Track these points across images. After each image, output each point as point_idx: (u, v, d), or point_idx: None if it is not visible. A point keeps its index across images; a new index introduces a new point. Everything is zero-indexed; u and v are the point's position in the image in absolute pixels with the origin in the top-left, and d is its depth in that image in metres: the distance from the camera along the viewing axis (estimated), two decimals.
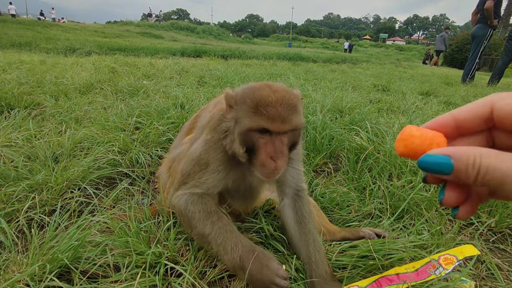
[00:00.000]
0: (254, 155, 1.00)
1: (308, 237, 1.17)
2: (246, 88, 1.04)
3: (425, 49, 46.73)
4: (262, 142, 0.98)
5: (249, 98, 0.98)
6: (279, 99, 0.96)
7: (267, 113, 0.94)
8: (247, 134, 0.98)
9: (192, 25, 45.58)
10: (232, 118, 1.03)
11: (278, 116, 0.95)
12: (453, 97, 5.05)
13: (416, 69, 15.55)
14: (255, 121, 0.95)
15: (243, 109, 0.99)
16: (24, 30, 17.35)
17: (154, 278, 1.02)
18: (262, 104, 0.95)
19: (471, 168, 0.36)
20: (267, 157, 0.97)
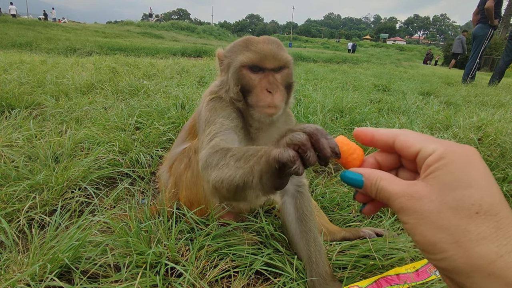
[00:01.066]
0: (250, 94, 1.05)
1: (309, 236, 1.17)
2: (234, 41, 1.15)
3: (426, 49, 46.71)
4: (256, 79, 1.04)
5: (239, 42, 1.10)
6: (266, 38, 1.08)
7: (258, 50, 1.03)
8: (241, 71, 1.04)
9: (192, 25, 45.62)
10: (226, 65, 1.11)
11: (269, 52, 1.03)
12: (453, 97, 5.04)
13: (416, 69, 15.54)
14: (247, 56, 1.03)
15: (234, 51, 1.09)
16: (25, 30, 17.37)
17: (155, 278, 1.02)
18: (252, 42, 1.05)
19: (374, 186, 0.49)
20: (262, 91, 1.02)
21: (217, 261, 1.15)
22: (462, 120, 3.00)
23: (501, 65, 7.48)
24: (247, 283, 1.12)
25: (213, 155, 0.93)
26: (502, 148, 2.33)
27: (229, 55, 1.11)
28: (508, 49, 7.14)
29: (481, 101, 4.87)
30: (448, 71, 17.09)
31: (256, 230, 1.35)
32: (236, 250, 1.18)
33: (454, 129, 2.80)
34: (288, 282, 1.10)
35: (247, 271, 1.13)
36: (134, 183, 1.86)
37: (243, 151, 0.81)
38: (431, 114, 3.44)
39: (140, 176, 1.95)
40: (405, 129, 0.52)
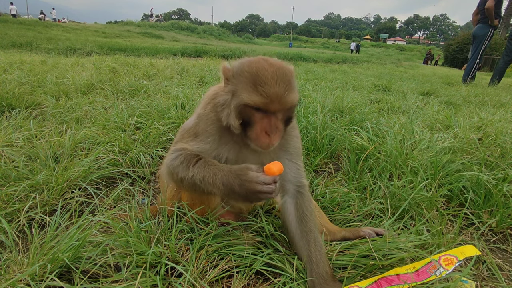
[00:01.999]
0: (249, 128, 1.04)
1: (309, 236, 1.17)
2: (243, 61, 1.07)
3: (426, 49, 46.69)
4: (257, 118, 1.02)
5: (247, 71, 1.01)
6: (274, 74, 0.99)
7: (264, 92, 0.97)
8: (244, 108, 1.01)
9: (192, 25, 45.62)
10: (230, 91, 1.06)
11: (275, 96, 0.98)
12: (454, 97, 5.04)
13: (416, 69, 15.53)
14: (253, 98, 0.98)
15: (241, 82, 1.02)
16: (25, 30, 17.38)
17: (155, 278, 1.02)
18: (260, 81, 0.98)
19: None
20: (261, 132, 1.01)
21: (217, 261, 1.15)
22: (462, 120, 3.00)
23: (501, 65, 7.48)
24: (247, 283, 1.12)
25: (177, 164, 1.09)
26: (502, 148, 2.33)
27: (235, 82, 1.03)
28: (508, 49, 7.14)
29: (481, 101, 4.87)
30: (448, 71, 17.08)
31: (256, 230, 1.35)
32: (236, 250, 1.18)
33: (454, 129, 2.80)
34: (288, 282, 1.10)
35: (247, 271, 1.13)
36: (134, 183, 1.86)
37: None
38: (431, 114, 3.44)
39: (140, 176, 1.95)
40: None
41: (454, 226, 1.57)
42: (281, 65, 1.04)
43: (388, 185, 1.76)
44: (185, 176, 1.07)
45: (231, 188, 1.01)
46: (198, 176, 1.05)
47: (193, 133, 1.17)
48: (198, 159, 1.09)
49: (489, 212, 1.65)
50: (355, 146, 2.25)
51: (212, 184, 1.03)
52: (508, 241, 1.53)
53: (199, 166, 1.06)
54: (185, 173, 1.07)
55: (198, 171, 1.05)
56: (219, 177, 1.03)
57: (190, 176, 1.06)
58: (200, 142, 1.15)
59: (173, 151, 1.15)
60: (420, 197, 1.63)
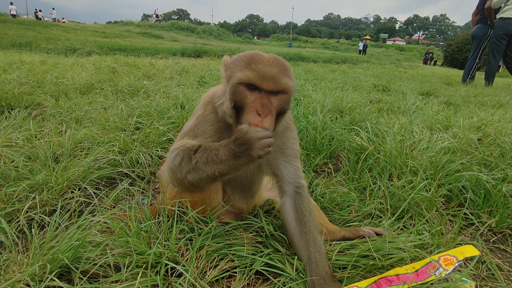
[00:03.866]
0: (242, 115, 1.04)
1: (308, 237, 1.17)
2: (241, 53, 1.11)
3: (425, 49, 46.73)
4: (250, 99, 1.02)
5: (244, 56, 1.06)
6: (270, 59, 1.04)
7: (258, 69, 1.00)
8: (237, 87, 1.03)
9: (192, 25, 45.61)
10: (226, 77, 1.09)
11: (269, 74, 1.00)
12: (453, 97, 5.04)
13: (416, 69, 15.55)
14: (246, 74, 1.00)
15: (236, 65, 1.05)
16: (25, 30, 17.37)
17: (156, 278, 1.02)
18: (255, 61, 1.02)
19: None
20: (252, 111, 1.01)
21: (217, 261, 1.15)
22: (462, 120, 3.01)
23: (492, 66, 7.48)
24: (247, 283, 1.12)
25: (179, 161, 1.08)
26: (502, 148, 2.34)
27: (232, 67, 1.07)
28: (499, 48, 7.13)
29: (480, 101, 4.88)
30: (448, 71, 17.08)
31: (256, 230, 1.35)
32: (236, 250, 1.18)
33: (454, 129, 2.80)
34: (288, 282, 1.10)
35: (247, 271, 1.13)
36: (134, 183, 1.86)
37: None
38: (431, 114, 3.45)
39: (140, 176, 1.95)
40: None
41: (453, 226, 1.57)
42: (278, 57, 1.09)
43: (388, 185, 1.76)
44: (190, 167, 1.05)
45: (234, 154, 1.00)
46: (202, 160, 1.03)
47: (192, 134, 1.18)
48: (197, 146, 1.09)
49: (488, 212, 1.65)
50: (355, 146, 2.25)
51: (217, 160, 1.02)
52: (507, 241, 1.53)
53: (200, 151, 1.06)
54: (188, 165, 1.06)
55: (200, 155, 1.04)
56: (221, 151, 1.02)
57: (194, 163, 1.04)
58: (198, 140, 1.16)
59: (172, 151, 1.15)
60: (420, 197, 1.63)
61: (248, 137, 0.97)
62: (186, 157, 1.07)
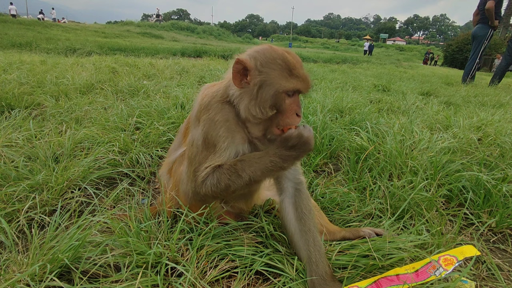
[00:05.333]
0: (277, 115, 1.09)
1: (308, 236, 1.17)
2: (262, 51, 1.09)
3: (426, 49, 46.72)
4: (288, 103, 1.08)
5: (275, 58, 1.06)
6: (295, 59, 1.09)
7: (300, 76, 1.07)
8: (281, 95, 1.05)
9: (192, 25, 45.59)
10: (258, 81, 1.06)
11: (305, 77, 1.09)
12: (453, 97, 5.04)
13: (416, 69, 15.54)
14: (293, 83, 1.05)
15: (273, 70, 1.05)
16: (25, 30, 17.37)
17: (156, 278, 1.02)
18: (292, 65, 1.06)
19: None
20: (293, 114, 1.09)
21: (217, 262, 1.15)
22: (462, 120, 3.01)
23: (503, 65, 7.49)
24: (247, 283, 1.12)
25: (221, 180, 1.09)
26: (502, 148, 2.34)
27: (265, 72, 1.04)
28: (510, 50, 7.15)
29: (480, 101, 4.88)
30: (448, 71, 17.09)
31: (256, 230, 1.35)
32: (236, 250, 1.18)
33: (454, 129, 2.80)
34: (288, 282, 1.10)
35: (247, 271, 1.13)
36: (134, 183, 1.86)
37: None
38: (431, 114, 3.45)
39: (140, 176, 1.95)
40: None
41: (453, 226, 1.57)
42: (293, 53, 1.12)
43: (388, 185, 1.76)
44: (240, 184, 1.07)
45: (293, 158, 1.06)
46: (257, 174, 1.06)
47: (211, 144, 1.12)
48: (239, 163, 1.09)
49: (488, 212, 1.65)
50: (355, 146, 2.25)
51: (273, 169, 1.07)
52: (507, 241, 1.53)
53: (249, 167, 1.07)
54: (238, 182, 1.07)
55: (252, 170, 1.07)
56: (277, 160, 1.06)
57: (248, 180, 1.07)
58: (221, 151, 1.12)
59: (206, 175, 1.10)
60: (420, 197, 1.63)
61: (306, 139, 1.05)
62: (233, 176, 1.08)
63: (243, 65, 1.05)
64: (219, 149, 1.12)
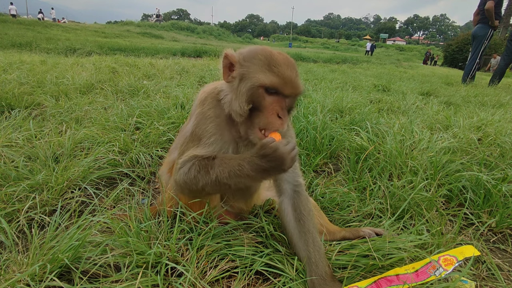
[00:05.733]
0: (257, 114, 1.04)
1: (308, 237, 1.17)
2: (252, 48, 1.08)
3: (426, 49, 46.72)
4: (268, 101, 1.02)
5: (259, 54, 1.03)
6: (286, 60, 1.04)
7: (281, 74, 1.00)
8: (257, 90, 1.01)
9: (192, 25, 45.59)
10: (238, 74, 1.05)
11: (289, 79, 1.02)
12: (453, 97, 5.04)
13: (416, 69, 15.55)
14: (269, 78, 1.00)
15: (254, 64, 1.03)
16: (25, 30, 17.36)
17: (156, 278, 1.02)
18: (275, 62, 1.01)
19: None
20: (273, 115, 1.02)
21: (217, 262, 1.15)
22: (462, 120, 3.01)
23: (502, 65, 7.49)
24: (247, 283, 1.12)
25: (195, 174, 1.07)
26: (502, 148, 2.34)
27: (247, 65, 1.03)
28: (508, 50, 7.15)
29: (480, 101, 4.88)
30: (448, 71, 17.09)
31: (256, 230, 1.35)
32: (236, 250, 1.18)
33: (454, 129, 2.80)
34: (288, 282, 1.10)
35: (247, 271, 1.13)
36: (134, 183, 1.86)
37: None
38: (431, 114, 3.45)
39: (140, 176, 1.95)
40: None
41: (453, 226, 1.57)
42: (287, 55, 1.08)
43: (388, 185, 1.76)
44: (208, 181, 1.05)
45: (263, 168, 1.00)
46: (223, 175, 1.03)
47: (196, 137, 1.14)
48: (212, 159, 1.08)
49: (488, 212, 1.65)
50: (355, 146, 2.25)
51: (240, 175, 1.02)
52: (507, 241, 1.53)
53: (219, 165, 1.05)
54: (206, 178, 1.05)
55: (221, 169, 1.04)
56: (245, 166, 1.01)
57: (214, 179, 1.04)
58: (204, 145, 1.13)
59: (183, 163, 1.11)
60: (420, 197, 1.63)
61: (280, 154, 0.97)
62: (202, 171, 1.06)
63: (229, 60, 1.06)
64: (202, 143, 1.12)
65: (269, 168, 0.99)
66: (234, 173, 1.02)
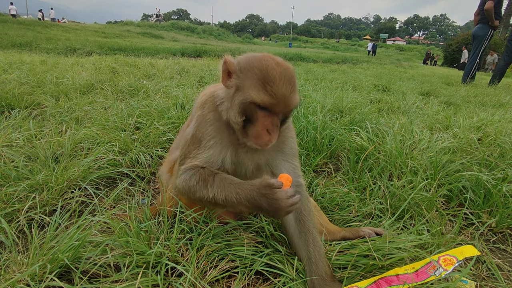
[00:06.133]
0: (250, 125, 1.05)
1: (308, 237, 1.17)
2: (250, 56, 1.07)
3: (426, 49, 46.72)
4: (260, 115, 1.03)
5: (256, 67, 1.02)
6: (282, 75, 1.00)
7: (273, 93, 0.99)
8: (249, 105, 1.02)
9: (192, 25, 45.59)
10: (234, 85, 1.06)
11: (282, 96, 1.00)
12: (453, 97, 5.04)
13: (416, 69, 15.54)
14: (261, 97, 0.99)
15: (249, 78, 1.02)
16: (25, 30, 17.36)
17: (156, 278, 1.02)
18: (269, 80, 0.99)
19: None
20: (263, 130, 1.03)
21: (217, 262, 1.15)
22: (462, 120, 3.01)
23: (502, 65, 7.49)
24: (247, 283, 1.12)
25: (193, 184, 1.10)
26: (502, 148, 2.34)
27: (242, 77, 1.03)
28: (508, 50, 7.15)
29: (480, 101, 4.88)
30: (448, 71, 17.09)
31: (256, 230, 1.35)
32: (236, 250, 1.18)
33: (454, 129, 2.80)
34: (288, 282, 1.10)
35: (247, 271, 1.13)
36: (134, 183, 1.86)
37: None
38: (431, 114, 3.45)
39: (140, 176, 1.95)
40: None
41: (453, 226, 1.57)
42: (287, 66, 1.06)
43: (388, 185, 1.76)
44: (204, 195, 1.08)
45: (258, 206, 1.02)
46: (220, 196, 1.06)
47: (197, 140, 1.16)
48: (214, 176, 1.09)
49: (488, 212, 1.65)
50: (355, 146, 2.25)
51: (236, 203, 1.04)
52: (507, 241, 1.53)
53: (218, 185, 1.07)
54: (203, 192, 1.08)
55: (219, 191, 1.06)
56: (243, 197, 1.03)
57: (211, 196, 1.07)
58: (204, 148, 1.14)
59: (185, 170, 1.14)
60: (420, 197, 1.63)
61: (278, 204, 0.99)
62: (202, 183, 1.09)
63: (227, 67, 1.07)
64: (202, 146, 1.15)
65: (264, 208, 1.02)
66: (231, 199, 1.05)
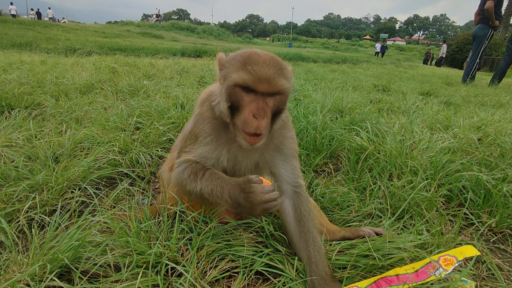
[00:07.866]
0: (238, 115, 1.04)
1: (308, 237, 1.17)
2: (239, 51, 1.10)
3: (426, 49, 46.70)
4: (246, 101, 1.01)
5: (239, 55, 1.04)
6: (267, 59, 1.00)
7: (253, 71, 0.98)
8: (233, 89, 1.02)
9: (192, 25, 45.59)
10: (222, 76, 1.08)
11: (265, 76, 0.98)
12: (453, 97, 5.04)
13: (416, 69, 15.55)
14: (241, 76, 0.98)
15: (232, 65, 1.04)
16: (25, 30, 17.36)
17: (156, 278, 1.02)
18: (250, 61, 0.99)
19: None
20: (249, 115, 1.00)
21: (218, 262, 1.15)
22: (462, 120, 3.01)
23: (503, 66, 7.48)
24: (247, 283, 1.12)
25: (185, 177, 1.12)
26: (502, 148, 2.34)
27: (227, 67, 1.05)
28: (509, 50, 7.15)
29: (481, 101, 4.88)
30: (448, 71, 17.09)
31: (256, 230, 1.35)
32: (236, 250, 1.18)
33: (454, 129, 2.80)
34: (288, 282, 1.10)
35: (247, 271, 1.13)
36: (134, 183, 1.86)
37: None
38: (431, 114, 3.45)
39: (140, 176, 1.95)
40: None
41: (453, 226, 1.57)
42: (273, 55, 1.06)
43: (388, 185, 1.76)
44: (193, 188, 1.10)
45: (237, 202, 1.04)
46: (206, 190, 1.08)
47: (194, 135, 1.19)
48: (204, 171, 1.11)
49: (488, 212, 1.65)
50: (355, 146, 2.25)
51: (220, 197, 1.06)
52: (507, 241, 1.53)
53: (207, 179, 1.09)
54: (193, 185, 1.10)
55: (206, 184, 1.08)
56: (226, 191, 1.05)
57: (199, 190, 1.09)
58: (200, 144, 1.16)
59: (179, 164, 1.17)
60: (420, 197, 1.63)
61: (252, 198, 1.00)
62: (192, 176, 1.11)
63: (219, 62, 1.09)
64: (198, 142, 1.17)
65: (242, 204, 1.03)
66: (216, 193, 1.06)
